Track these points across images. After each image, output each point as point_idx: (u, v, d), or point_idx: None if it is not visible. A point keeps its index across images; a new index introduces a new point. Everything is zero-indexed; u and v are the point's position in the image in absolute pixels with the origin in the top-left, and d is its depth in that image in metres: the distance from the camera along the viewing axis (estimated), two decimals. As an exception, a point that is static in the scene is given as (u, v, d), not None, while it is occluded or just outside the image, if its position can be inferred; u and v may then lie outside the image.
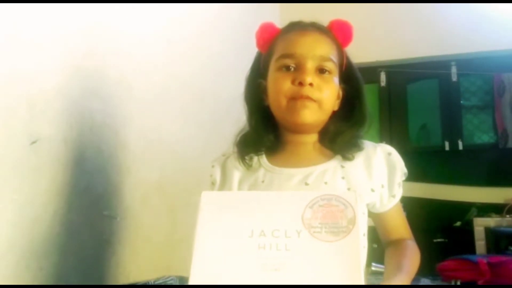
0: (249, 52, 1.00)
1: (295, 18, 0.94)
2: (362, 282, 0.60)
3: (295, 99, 0.80)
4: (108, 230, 1.32)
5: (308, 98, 0.79)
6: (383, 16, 3.24)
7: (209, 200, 0.73)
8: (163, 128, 1.66)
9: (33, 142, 1.05)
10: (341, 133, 0.84)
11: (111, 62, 1.39)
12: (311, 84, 0.79)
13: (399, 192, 0.84)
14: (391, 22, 3.25)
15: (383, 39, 3.22)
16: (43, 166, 1.09)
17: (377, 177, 0.83)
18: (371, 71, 3.25)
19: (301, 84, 0.79)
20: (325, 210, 0.67)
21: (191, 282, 0.66)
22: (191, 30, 1.92)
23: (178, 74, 1.78)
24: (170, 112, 1.71)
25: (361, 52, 0.93)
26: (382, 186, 0.83)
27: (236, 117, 0.95)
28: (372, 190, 0.82)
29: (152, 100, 1.60)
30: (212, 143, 1.90)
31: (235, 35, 2.34)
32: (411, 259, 0.78)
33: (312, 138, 0.87)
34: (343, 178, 0.81)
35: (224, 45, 2.24)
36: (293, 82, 0.80)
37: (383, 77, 3.34)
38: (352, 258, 0.63)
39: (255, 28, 0.92)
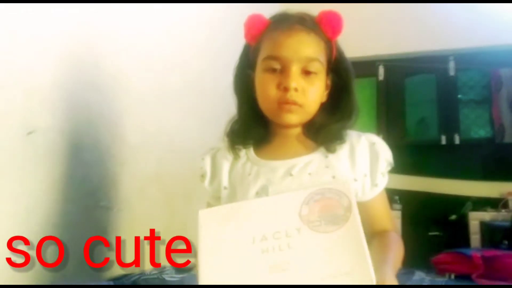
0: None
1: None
2: (368, 264, 0.60)
3: (280, 104, 0.82)
4: (104, 221, 1.32)
5: (293, 103, 0.81)
6: (382, 10, 3.22)
7: (207, 217, 0.73)
8: (160, 120, 1.66)
9: (30, 133, 1.05)
10: (325, 126, 0.85)
11: (109, 54, 1.38)
12: (295, 89, 0.81)
13: (382, 182, 0.84)
14: (389, 16, 3.23)
15: (381, 33, 3.21)
16: (40, 157, 1.09)
17: (360, 166, 0.83)
18: (369, 64, 3.24)
19: (286, 89, 0.80)
20: (321, 204, 0.68)
21: None
22: (190, 24, 1.91)
23: (176, 67, 1.78)
24: (167, 104, 1.71)
25: (359, 46, 0.93)
26: (365, 175, 0.83)
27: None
28: (355, 180, 0.83)
29: (150, 92, 1.60)
30: (209, 135, 1.89)
31: (235, 32, 2.32)
32: (395, 252, 0.77)
33: (297, 130, 0.88)
34: (327, 167, 0.82)
35: (224, 41, 2.22)
36: (278, 87, 0.82)
37: (381, 71, 3.33)
38: (355, 243, 0.63)
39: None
